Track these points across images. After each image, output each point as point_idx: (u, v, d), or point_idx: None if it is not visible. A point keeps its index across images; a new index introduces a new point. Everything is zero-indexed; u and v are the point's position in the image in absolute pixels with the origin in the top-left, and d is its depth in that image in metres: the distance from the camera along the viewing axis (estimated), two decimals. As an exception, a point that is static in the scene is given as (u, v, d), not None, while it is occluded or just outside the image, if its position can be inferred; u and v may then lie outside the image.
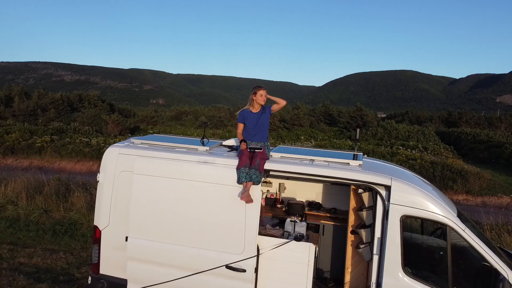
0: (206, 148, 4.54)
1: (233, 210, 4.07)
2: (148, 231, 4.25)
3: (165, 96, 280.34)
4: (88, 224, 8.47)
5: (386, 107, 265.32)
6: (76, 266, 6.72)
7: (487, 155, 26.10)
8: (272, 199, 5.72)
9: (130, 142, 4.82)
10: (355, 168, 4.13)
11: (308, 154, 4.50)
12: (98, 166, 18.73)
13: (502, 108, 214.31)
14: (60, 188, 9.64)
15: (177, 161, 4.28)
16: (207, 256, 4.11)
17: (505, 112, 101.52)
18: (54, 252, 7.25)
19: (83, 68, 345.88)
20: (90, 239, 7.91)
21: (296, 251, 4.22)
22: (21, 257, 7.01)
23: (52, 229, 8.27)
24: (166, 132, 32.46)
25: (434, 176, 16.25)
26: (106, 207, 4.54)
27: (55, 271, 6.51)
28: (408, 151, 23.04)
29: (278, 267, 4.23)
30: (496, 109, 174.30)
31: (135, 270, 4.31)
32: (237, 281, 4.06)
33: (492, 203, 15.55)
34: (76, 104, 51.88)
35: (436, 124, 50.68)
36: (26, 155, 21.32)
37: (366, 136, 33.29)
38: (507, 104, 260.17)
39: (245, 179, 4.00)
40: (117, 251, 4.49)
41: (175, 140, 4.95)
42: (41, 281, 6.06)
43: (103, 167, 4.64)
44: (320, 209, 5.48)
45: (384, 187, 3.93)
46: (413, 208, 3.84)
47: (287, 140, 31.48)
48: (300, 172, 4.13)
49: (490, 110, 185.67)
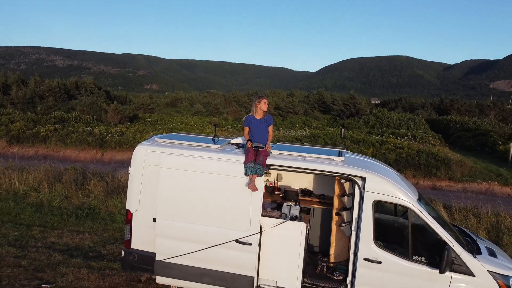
0: (218, 146, 5.53)
1: (241, 197, 5.11)
2: (173, 214, 5.29)
3: (158, 82, 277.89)
4: (106, 209, 9.50)
5: (380, 93, 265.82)
6: (101, 244, 7.78)
7: (473, 143, 27.27)
8: (271, 187, 6.77)
9: (154, 140, 5.79)
10: (338, 163, 5.17)
11: (301, 151, 5.51)
12: (101, 154, 19.57)
13: (495, 94, 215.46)
14: (78, 177, 10.62)
15: (195, 157, 5.29)
16: (221, 233, 5.16)
17: (498, 98, 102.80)
18: (80, 233, 8.30)
19: (76, 53, 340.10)
20: (109, 222, 8.96)
21: (291, 229, 5.29)
22: (52, 237, 8.04)
23: (75, 213, 9.29)
24: (164, 120, 33.25)
25: (419, 164, 17.42)
26: (136, 195, 5.56)
27: (83, 248, 7.57)
28: (397, 139, 24.18)
29: (277, 242, 5.30)
30: (489, 95, 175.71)
31: (162, 245, 5.36)
32: (244, 253, 5.14)
33: (472, 188, 16.81)
34: (73, 92, 52.18)
35: (428, 111, 51.63)
36: (31, 143, 22.10)
37: (358, 124, 34.36)
38: (500, 90, 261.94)
39: (251, 172, 5.02)
40: (145, 230, 5.52)
41: (191, 138, 5.93)
42: (74, 257, 7.12)
43: (134, 161, 5.62)
44: (311, 195, 6.55)
45: (361, 178, 4.98)
46: (383, 194, 4.91)
47: (282, 128, 32.41)
48: (295, 166, 5.17)
49: (483, 96, 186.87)
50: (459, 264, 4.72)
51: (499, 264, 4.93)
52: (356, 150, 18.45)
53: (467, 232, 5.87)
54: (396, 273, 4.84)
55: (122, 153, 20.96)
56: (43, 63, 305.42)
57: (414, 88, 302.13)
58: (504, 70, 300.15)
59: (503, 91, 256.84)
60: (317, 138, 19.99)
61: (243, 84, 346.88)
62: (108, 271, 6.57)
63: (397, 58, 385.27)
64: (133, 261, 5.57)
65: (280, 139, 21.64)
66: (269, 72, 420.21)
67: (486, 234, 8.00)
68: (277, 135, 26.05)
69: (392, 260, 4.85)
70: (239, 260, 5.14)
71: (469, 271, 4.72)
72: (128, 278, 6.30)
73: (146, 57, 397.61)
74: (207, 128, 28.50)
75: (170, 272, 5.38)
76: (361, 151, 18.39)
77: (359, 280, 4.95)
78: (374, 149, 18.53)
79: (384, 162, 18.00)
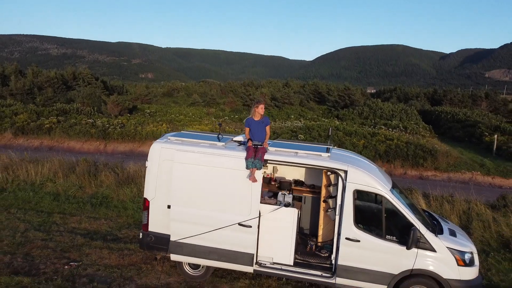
0: (223, 143, 6.44)
1: (242, 187, 6.05)
2: (185, 201, 6.22)
3: (154, 71, 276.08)
4: (118, 198, 10.43)
5: (376, 82, 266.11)
6: (117, 229, 8.73)
7: (462, 134, 28.31)
8: (268, 178, 7.71)
9: (167, 138, 6.69)
10: (325, 158, 6.11)
11: (293, 148, 6.44)
12: (104, 146, 20.41)
13: (490, 83, 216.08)
14: (91, 168, 11.50)
15: (203, 153, 6.20)
16: (225, 217, 6.12)
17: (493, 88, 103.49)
18: (96, 219, 9.23)
19: (69, 42, 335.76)
20: (122, 210, 9.89)
21: (285, 214, 6.26)
22: (72, 223, 8.98)
23: (89, 201, 10.21)
24: (163, 112, 33.94)
25: (407, 155, 18.44)
26: (152, 185, 6.48)
27: (102, 232, 8.52)
28: (389, 130, 25.18)
29: (273, 224, 6.26)
30: (484, 84, 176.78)
31: (176, 227, 6.31)
32: (245, 234, 6.10)
33: (456, 178, 17.89)
34: (70, 82, 52.52)
35: (422, 102, 52.53)
36: (36, 135, 22.84)
37: (352, 115, 35.28)
38: (495, 79, 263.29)
39: (251, 166, 5.95)
40: (161, 215, 6.46)
41: (199, 136, 6.83)
42: (95, 240, 8.07)
43: (150, 157, 6.53)
44: (302, 185, 7.52)
45: (343, 171, 5.94)
46: (361, 185, 5.87)
47: (278, 119, 33.27)
48: (288, 161, 6.11)
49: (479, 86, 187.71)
50: (423, 242, 5.73)
51: (457, 242, 5.94)
52: (348, 142, 19.44)
53: (435, 216, 6.87)
54: (372, 250, 5.84)
55: (124, 144, 21.80)
56: (37, 51, 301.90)
57: (410, 77, 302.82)
58: (499, 59, 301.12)
59: (498, 80, 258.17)
60: (311, 130, 20.92)
61: (239, 73, 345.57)
62: (126, 251, 7.54)
63: (394, 47, 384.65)
64: (150, 241, 6.53)
65: (276, 131, 22.54)
66: (265, 61, 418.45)
67: (458, 219, 9.05)
68: (273, 126, 26.96)
69: (369, 239, 5.85)
70: (241, 240, 6.12)
71: (431, 248, 5.73)
72: (144, 257, 7.28)
73: (141, 46, 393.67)
74: (204, 120, 29.30)
75: (182, 251, 6.35)
76: (353, 143, 19.38)
77: (341, 256, 5.94)
78: (365, 141, 19.51)
79: (375, 153, 19.06)
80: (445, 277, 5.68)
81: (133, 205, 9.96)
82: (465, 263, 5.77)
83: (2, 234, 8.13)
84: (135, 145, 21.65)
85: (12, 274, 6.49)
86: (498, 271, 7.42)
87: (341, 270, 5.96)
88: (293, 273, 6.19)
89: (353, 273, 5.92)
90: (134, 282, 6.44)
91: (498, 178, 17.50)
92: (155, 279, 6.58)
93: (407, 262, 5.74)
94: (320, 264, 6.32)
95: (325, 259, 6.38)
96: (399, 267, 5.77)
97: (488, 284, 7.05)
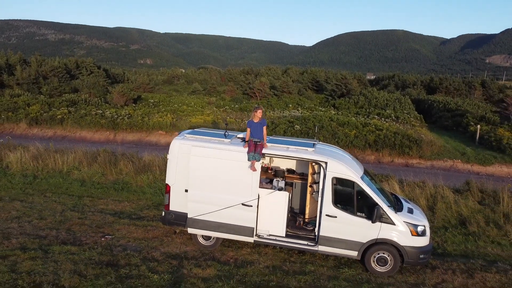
0: (229, 140, 8.02)
1: (245, 175, 7.65)
2: (199, 186, 7.85)
3: (153, 56, 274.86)
4: (136, 184, 12.07)
5: (376, 68, 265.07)
6: (139, 210, 10.40)
7: (451, 123, 29.76)
8: (265, 168, 9.31)
9: (184, 136, 8.26)
10: (311, 152, 7.71)
11: (286, 144, 8.02)
12: (114, 135, 22.20)
13: (491, 69, 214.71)
14: (111, 158, 13.11)
15: (213, 148, 7.79)
16: (232, 199, 7.75)
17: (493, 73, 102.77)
18: (120, 201, 10.89)
19: (67, 27, 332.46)
20: (141, 194, 11.56)
21: (279, 196, 7.89)
22: (100, 205, 10.64)
23: (112, 187, 11.86)
24: (166, 101, 35.32)
25: (395, 144, 20.04)
26: (173, 174, 8.09)
27: (127, 213, 10.18)
28: (381, 120, 26.71)
29: (269, 204, 7.90)
30: (485, 70, 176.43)
31: (192, 207, 7.95)
32: (247, 212, 7.74)
33: (438, 165, 19.56)
34: (74, 71, 53.76)
35: (418, 90, 53.62)
36: (49, 125, 24.36)
37: (348, 104, 36.70)
38: (496, 65, 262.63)
39: (251, 158, 7.55)
40: (179, 197, 8.09)
41: (209, 134, 8.40)
42: (122, 218, 9.74)
43: (171, 151, 8.11)
44: (293, 173, 9.14)
45: (324, 163, 7.54)
46: (338, 173, 7.49)
47: (276, 108, 34.70)
48: (281, 154, 7.73)
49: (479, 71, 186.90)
50: (385, 217, 7.38)
51: (412, 218, 7.60)
52: (341, 132, 21.00)
53: (400, 198, 8.53)
54: (346, 224, 7.50)
55: (132, 134, 23.36)
56: (34, 37, 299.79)
57: (410, 62, 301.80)
58: (500, 44, 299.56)
59: (499, 65, 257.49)
60: (307, 121, 22.44)
61: (238, 58, 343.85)
62: (149, 227, 9.21)
63: (394, 32, 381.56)
64: (171, 218, 8.19)
65: (274, 121, 24.08)
66: (265, 46, 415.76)
67: (426, 201, 10.71)
68: (272, 116, 28.53)
69: (344, 215, 7.50)
70: (244, 217, 7.77)
71: (391, 222, 7.39)
72: (165, 231, 8.96)
73: (139, 31, 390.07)
74: (206, 109, 30.76)
75: (197, 225, 8.01)
76: (345, 133, 20.95)
77: (322, 229, 7.61)
78: (356, 131, 21.09)
79: (365, 143, 20.66)
80: (402, 244, 7.35)
81: (150, 190, 11.61)
82: (418, 234, 7.44)
83: (44, 214, 9.79)
84: (142, 134, 23.22)
85: (62, 244, 8.17)
86: (453, 243, 9.14)
87: (322, 239, 7.63)
88: (285, 242, 7.87)
89: (332, 242, 7.60)
90: (159, 250, 8.11)
91: (476, 166, 19.17)
92: (175, 248, 8.25)
93: (373, 233, 7.41)
94: (307, 235, 8.00)
95: (310, 231, 8.06)
96: (366, 237, 7.45)
97: (443, 252, 8.77)
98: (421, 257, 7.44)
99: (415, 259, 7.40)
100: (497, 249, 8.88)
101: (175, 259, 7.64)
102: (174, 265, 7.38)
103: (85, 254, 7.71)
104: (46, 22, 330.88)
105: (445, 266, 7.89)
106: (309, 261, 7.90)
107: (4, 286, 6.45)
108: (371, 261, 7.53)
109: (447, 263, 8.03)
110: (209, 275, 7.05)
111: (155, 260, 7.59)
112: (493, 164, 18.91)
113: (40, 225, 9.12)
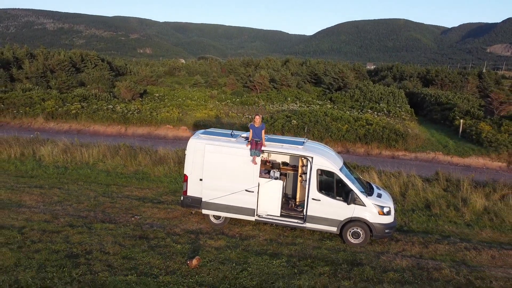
0: (235, 139, 9.99)
1: (248, 167, 9.65)
2: (212, 176, 9.85)
3: (152, 46, 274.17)
4: (154, 174, 14.06)
5: (377, 57, 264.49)
6: (159, 196, 12.42)
7: (439, 117, 31.52)
8: (264, 161, 11.30)
9: (198, 135, 10.22)
10: (300, 149, 9.69)
11: (280, 142, 9.99)
12: (125, 129, 24.38)
13: (492, 58, 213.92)
14: (131, 151, 15.08)
15: (223, 146, 9.77)
16: (237, 186, 9.75)
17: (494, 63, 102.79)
18: (142, 189, 12.91)
19: (66, 16, 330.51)
20: (159, 183, 13.56)
21: (275, 184, 9.90)
22: (125, 192, 12.65)
23: (134, 177, 13.86)
24: (170, 95, 37.12)
25: (382, 138, 22.00)
26: (190, 166, 10.08)
27: (149, 198, 12.21)
28: (373, 114, 28.60)
29: (267, 191, 9.90)
30: (485, 60, 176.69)
31: (206, 193, 9.96)
32: (250, 196, 9.76)
33: (422, 157, 21.53)
34: (79, 64, 55.37)
35: (414, 82, 55.02)
36: (64, 120, 26.26)
37: (344, 98, 38.51)
38: (497, 54, 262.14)
39: (253, 154, 9.54)
40: (195, 185, 10.10)
41: (219, 133, 10.36)
42: (146, 202, 11.76)
43: (188, 148, 10.08)
44: (287, 166, 11.14)
45: (311, 157, 9.52)
46: (321, 166, 9.48)
47: (275, 102, 36.53)
48: (276, 151, 9.71)
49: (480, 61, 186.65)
50: (358, 200, 9.40)
51: (380, 201, 9.62)
52: (334, 127, 22.93)
53: (373, 185, 10.55)
54: (328, 205, 9.52)
55: (142, 128, 25.29)
56: (33, 26, 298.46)
57: (411, 52, 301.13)
58: (501, 33, 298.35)
59: (500, 55, 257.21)
60: (304, 116, 24.36)
61: (238, 47, 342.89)
62: (169, 209, 11.24)
63: (395, 21, 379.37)
64: (188, 202, 10.22)
65: (273, 115, 25.98)
66: (265, 35, 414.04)
67: (399, 188, 12.73)
68: (271, 110, 30.43)
69: (326, 199, 9.52)
70: (247, 200, 9.79)
71: (363, 204, 9.41)
72: (183, 213, 10.99)
73: (139, 20, 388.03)
74: (209, 103, 32.63)
75: (209, 207, 10.04)
76: (338, 127, 22.89)
77: (309, 210, 9.63)
78: (348, 126, 23.03)
79: (355, 136, 22.58)
80: (371, 221, 9.39)
81: (167, 179, 13.62)
82: (384, 213, 9.47)
83: (81, 199, 11.81)
84: (151, 128, 25.15)
85: (101, 222, 10.20)
86: (417, 222, 11.18)
87: (309, 218, 9.66)
88: (280, 221, 9.91)
89: (317, 220, 9.63)
90: (179, 227, 10.15)
91: (456, 158, 21.14)
92: (192, 226, 10.29)
93: (349, 212, 9.44)
94: (297, 215, 10.03)
95: (299, 212, 10.09)
96: (344, 215, 9.48)
97: (408, 230, 10.82)
98: (387, 231, 9.49)
99: (381, 233, 9.44)
100: (452, 227, 10.93)
101: (192, 234, 9.69)
102: (192, 238, 9.43)
103: (121, 230, 9.75)
104: (45, 11, 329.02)
105: (406, 239, 9.94)
106: (299, 235, 9.95)
107: (62, 252, 8.50)
108: (347, 234, 9.58)
109: (409, 237, 10.08)
110: (220, 245, 9.11)
111: (177, 234, 9.64)
112: (470, 156, 20.88)
113: (80, 207, 11.15)
